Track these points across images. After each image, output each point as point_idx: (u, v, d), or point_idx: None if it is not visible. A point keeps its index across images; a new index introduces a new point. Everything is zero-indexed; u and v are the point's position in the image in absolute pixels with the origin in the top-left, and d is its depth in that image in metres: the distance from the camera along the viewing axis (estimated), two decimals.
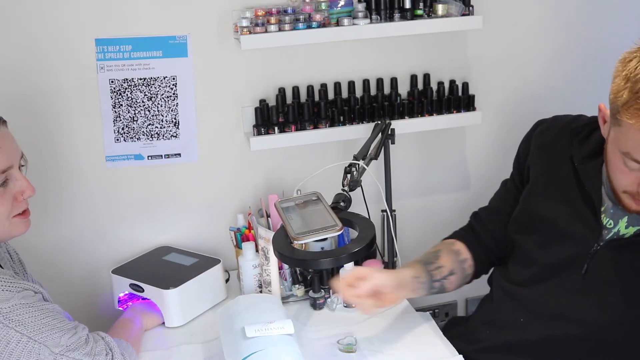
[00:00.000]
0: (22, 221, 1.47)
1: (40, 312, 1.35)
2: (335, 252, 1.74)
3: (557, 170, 1.57)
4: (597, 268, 1.48)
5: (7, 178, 1.41)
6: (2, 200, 1.40)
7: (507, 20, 2.15)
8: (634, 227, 1.46)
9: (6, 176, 1.41)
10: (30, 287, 1.38)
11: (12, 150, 1.43)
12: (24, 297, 1.34)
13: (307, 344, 1.67)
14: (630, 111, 1.28)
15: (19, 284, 1.35)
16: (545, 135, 1.64)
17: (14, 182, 1.43)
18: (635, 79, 1.28)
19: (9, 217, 1.42)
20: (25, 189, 1.44)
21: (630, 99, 1.28)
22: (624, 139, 1.33)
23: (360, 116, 2.03)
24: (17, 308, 1.32)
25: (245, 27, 1.83)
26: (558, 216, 1.54)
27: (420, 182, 2.26)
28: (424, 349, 1.64)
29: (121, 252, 2.04)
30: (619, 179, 1.40)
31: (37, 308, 1.35)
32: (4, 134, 1.42)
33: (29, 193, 1.45)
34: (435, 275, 1.65)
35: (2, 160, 1.39)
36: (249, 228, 1.98)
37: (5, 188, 1.41)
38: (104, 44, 1.90)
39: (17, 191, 1.43)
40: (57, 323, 1.37)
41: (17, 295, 1.33)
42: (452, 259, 1.70)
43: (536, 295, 1.56)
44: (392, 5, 1.92)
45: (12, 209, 1.43)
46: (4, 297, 1.32)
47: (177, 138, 2.02)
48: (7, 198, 1.41)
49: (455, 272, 1.69)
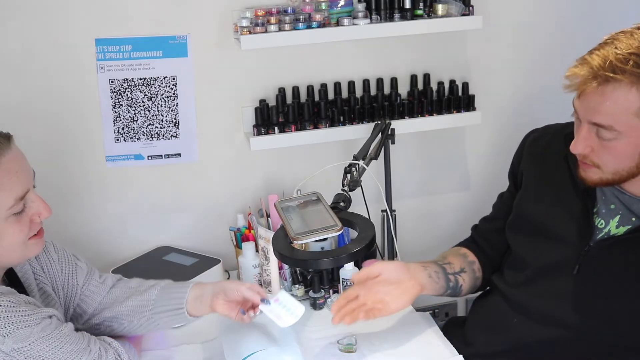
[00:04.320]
0: (37, 242, 1.41)
1: (58, 340, 1.34)
2: (335, 252, 1.74)
3: (551, 175, 1.59)
4: (588, 268, 1.49)
5: (25, 203, 1.35)
6: (20, 226, 1.35)
7: (507, 20, 2.15)
8: (625, 226, 1.47)
9: (24, 202, 1.35)
10: (47, 314, 1.35)
11: (27, 172, 1.37)
12: (43, 330, 1.32)
13: (307, 344, 1.67)
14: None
15: (37, 315, 1.33)
16: (537, 142, 1.66)
17: (30, 205, 1.37)
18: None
19: (25, 241, 1.37)
20: (42, 210, 1.38)
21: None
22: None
23: (360, 116, 2.03)
24: (37, 344, 1.31)
25: (245, 27, 1.83)
26: (550, 219, 1.55)
27: (420, 182, 2.26)
28: (424, 349, 1.64)
29: (121, 252, 2.05)
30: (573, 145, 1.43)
31: (55, 338, 1.34)
32: (15, 155, 1.35)
33: (45, 214, 1.39)
34: (447, 268, 1.67)
35: (19, 187, 1.33)
36: (249, 228, 1.98)
37: (23, 214, 1.35)
38: (104, 44, 1.90)
39: (33, 213, 1.38)
40: (74, 347, 1.36)
41: (36, 330, 1.31)
42: (460, 259, 1.72)
43: (529, 297, 1.57)
44: (392, 5, 1.92)
45: (29, 231, 1.37)
46: (24, 336, 1.30)
47: (177, 138, 2.02)
48: (25, 223, 1.36)
49: (465, 270, 1.70)
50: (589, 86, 1.33)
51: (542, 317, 1.54)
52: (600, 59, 1.32)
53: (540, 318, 1.54)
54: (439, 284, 1.65)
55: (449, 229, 2.27)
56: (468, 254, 1.75)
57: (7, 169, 1.32)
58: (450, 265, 1.69)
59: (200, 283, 1.59)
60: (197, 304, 1.55)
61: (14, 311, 1.30)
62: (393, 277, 1.57)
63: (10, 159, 1.33)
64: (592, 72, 1.32)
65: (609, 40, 1.35)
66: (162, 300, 1.55)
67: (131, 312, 1.55)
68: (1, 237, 1.34)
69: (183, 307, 1.54)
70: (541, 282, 1.55)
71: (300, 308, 1.53)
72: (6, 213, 1.32)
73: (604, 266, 1.47)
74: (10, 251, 1.37)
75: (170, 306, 1.54)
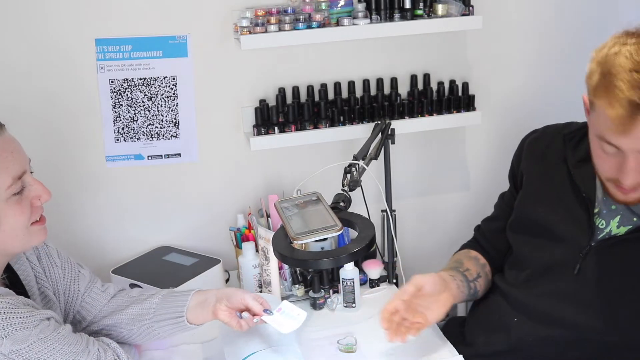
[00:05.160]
0: (41, 228, 1.41)
1: (57, 342, 1.34)
2: (335, 252, 1.74)
3: (550, 175, 1.59)
4: (589, 268, 1.49)
5: (23, 185, 1.36)
6: (21, 208, 1.35)
7: (507, 20, 2.15)
8: (625, 226, 1.47)
9: (22, 183, 1.35)
10: (45, 315, 1.35)
11: (22, 154, 1.38)
12: (41, 332, 1.32)
13: (307, 344, 1.67)
14: (598, 92, 1.31)
15: (35, 317, 1.32)
16: (537, 143, 1.66)
17: (29, 187, 1.37)
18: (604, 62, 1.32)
19: (27, 226, 1.37)
20: (42, 193, 1.39)
21: (599, 81, 1.32)
22: (597, 122, 1.35)
23: (360, 116, 2.03)
24: (35, 346, 1.31)
25: (245, 27, 1.83)
26: (551, 219, 1.55)
27: (420, 182, 2.26)
28: (424, 349, 1.64)
29: (121, 252, 2.04)
30: (600, 166, 1.42)
31: (53, 339, 1.34)
32: (9, 139, 1.37)
33: (45, 197, 1.39)
34: (468, 276, 1.67)
35: (16, 166, 1.34)
36: (249, 228, 1.98)
37: (22, 195, 1.36)
38: (104, 44, 1.90)
39: (33, 196, 1.38)
40: (72, 349, 1.36)
41: (34, 332, 1.31)
42: (474, 263, 1.73)
43: (529, 296, 1.57)
44: (392, 5, 1.92)
45: (31, 215, 1.38)
46: (22, 337, 1.30)
47: (177, 138, 2.02)
48: (26, 205, 1.36)
49: (481, 275, 1.71)
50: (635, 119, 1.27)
51: (543, 316, 1.54)
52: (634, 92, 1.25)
53: (541, 318, 1.54)
54: (464, 292, 1.65)
55: (449, 229, 2.27)
56: (479, 258, 1.75)
57: (3, 149, 1.33)
58: (469, 271, 1.69)
59: (202, 290, 1.58)
60: (198, 310, 1.54)
61: (12, 313, 1.30)
62: (432, 291, 1.55)
63: (4, 140, 1.34)
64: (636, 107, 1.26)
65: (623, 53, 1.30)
66: (162, 308, 1.54)
67: (131, 321, 1.55)
68: (3, 221, 1.33)
69: (183, 315, 1.53)
70: (542, 282, 1.55)
71: (303, 314, 1.53)
72: (5, 193, 1.32)
73: (604, 266, 1.48)
74: (13, 236, 1.36)
75: (171, 314, 1.54)
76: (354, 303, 1.84)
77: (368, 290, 1.94)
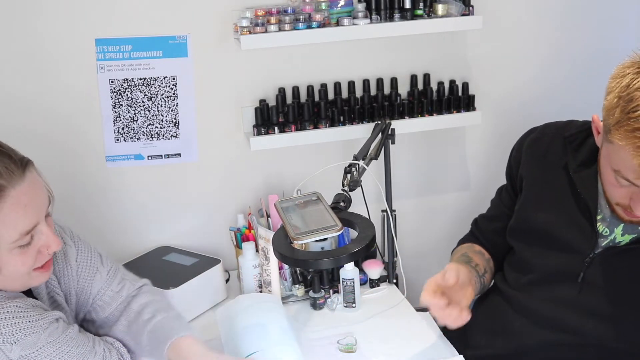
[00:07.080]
0: (42, 274, 1.35)
1: (65, 344, 1.34)
2: (335, 252, 1.73)
3: (551, 180, 1.56)
4: (593, 276, 1.48)
5: (33, 235, 1.29)
6: (24, 258, 1.29)
7: (507, 20, 2.15)
8: (630, 234, 1.46)
9: (32, 234, 1.29)
10: (53, 317, 1.34)
11: (39, 203, 1.30)
12: (50, 335, 1.32)
13: (307, 344, 1.67)
14: (620, 132, 1.26)
15: (44, 319, 1.32)
16: (537, 144, 1.62)
17: (39, 236, 1.30)
18: (627, 98, 1.25)
19: (29, 272, 1.32)
20: (51, 243, 1.32)
21: (621, 119, 1.25)
22: (615, 158, 1.31)
23: (360, 116, 2.03)
24: (44, 350, 1.31)
25: (245, 27, 1.83)
26: (554, 225, 1.53)
27: (420, 182, 2.26)
28: (424, 349, 1.64)
29: (121, 252, 2.04)
30: (612, 192, 1.40)
31: (62, 342, 1.33)
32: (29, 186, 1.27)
33: (54, 248, 1.32)
34: (478, 270, 1.65)
35: (27, 221, 1.27)
36: (249, 228, 1.98)
37: (29, 246, 1.29)
38: (104, 44, 1.90)
39: (42, 245, 1.31)
40: (80, 350, 1.36)
41: (43, 335, 1.30)
42: (481, 258, 1.70)
43: (532, 301, 1.56)
44: (392, 5, 1.92)
45: (35, 263, 1.32)
46: (32, 342, 1.29)
47: (177, 138, 2.02)
48: (31, 254, 1.30)
49: (487, 271, 1.69)
50: None
51: (545, 321, 1.53)
52: None
53: (543, 322, 1.53)
54: (477, 288, 1.63)
55: (449, 229, 2.27)
56: (484, 252, 1.73)
57: (16, 203, 1.25)
58: (478, 266, 1.66)
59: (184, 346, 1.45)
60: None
61: (21, 317, 1.29)
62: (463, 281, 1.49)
63: (21, 191, 1.25)
64: None
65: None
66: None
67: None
68: (3, 267, 1.28)
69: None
70: (545, 287, 1.54)
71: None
72: (10, 246, 1.26)
73: (608, 274, 1.47)
74: (12, 279, 1.32)
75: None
76: (354, 303, 1.84)
77: (368, 290, 1.94)
